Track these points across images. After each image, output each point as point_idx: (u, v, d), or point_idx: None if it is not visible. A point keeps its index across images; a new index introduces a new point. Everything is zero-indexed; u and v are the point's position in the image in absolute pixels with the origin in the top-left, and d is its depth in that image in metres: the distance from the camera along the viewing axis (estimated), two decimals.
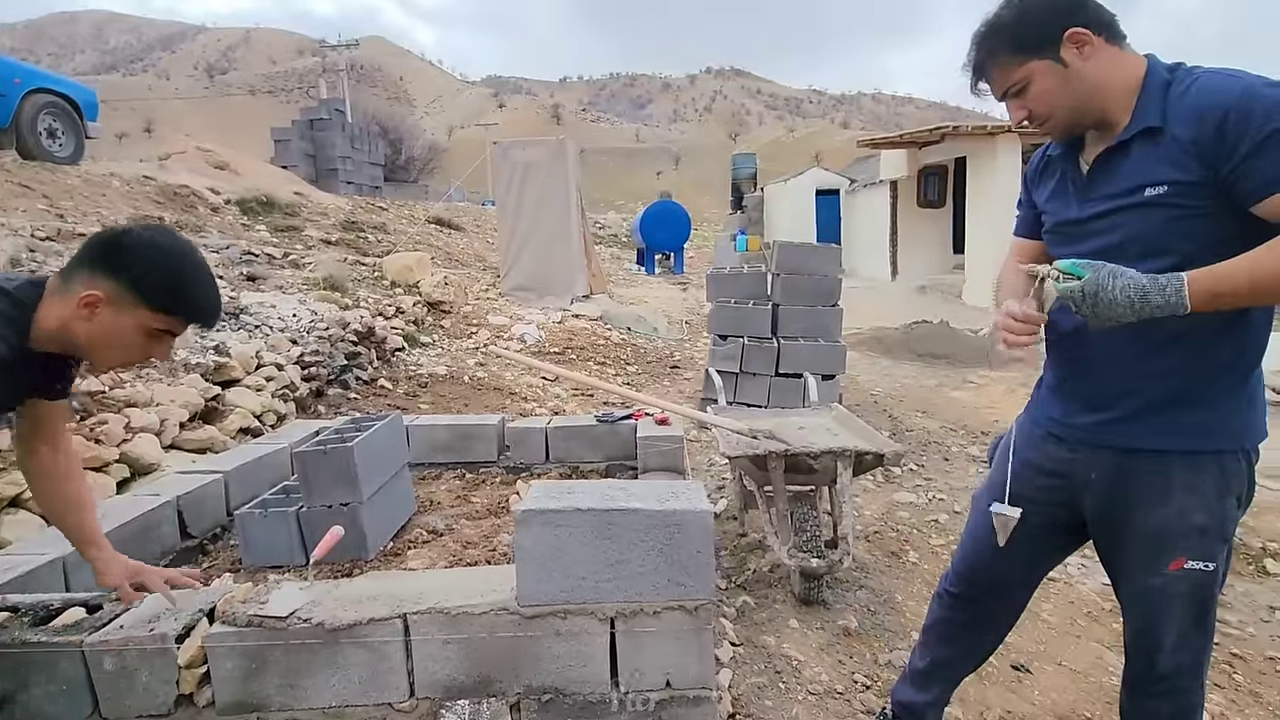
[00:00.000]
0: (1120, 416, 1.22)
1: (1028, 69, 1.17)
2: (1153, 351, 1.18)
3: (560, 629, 1.57)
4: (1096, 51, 1.15)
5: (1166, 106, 1.12)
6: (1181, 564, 1.21)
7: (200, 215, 7.48)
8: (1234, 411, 1.19)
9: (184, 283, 1.32)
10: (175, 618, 1.62)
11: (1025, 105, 1.21)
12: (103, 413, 2.81)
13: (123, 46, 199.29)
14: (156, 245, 1.31)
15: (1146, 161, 1.13)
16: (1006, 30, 1.18)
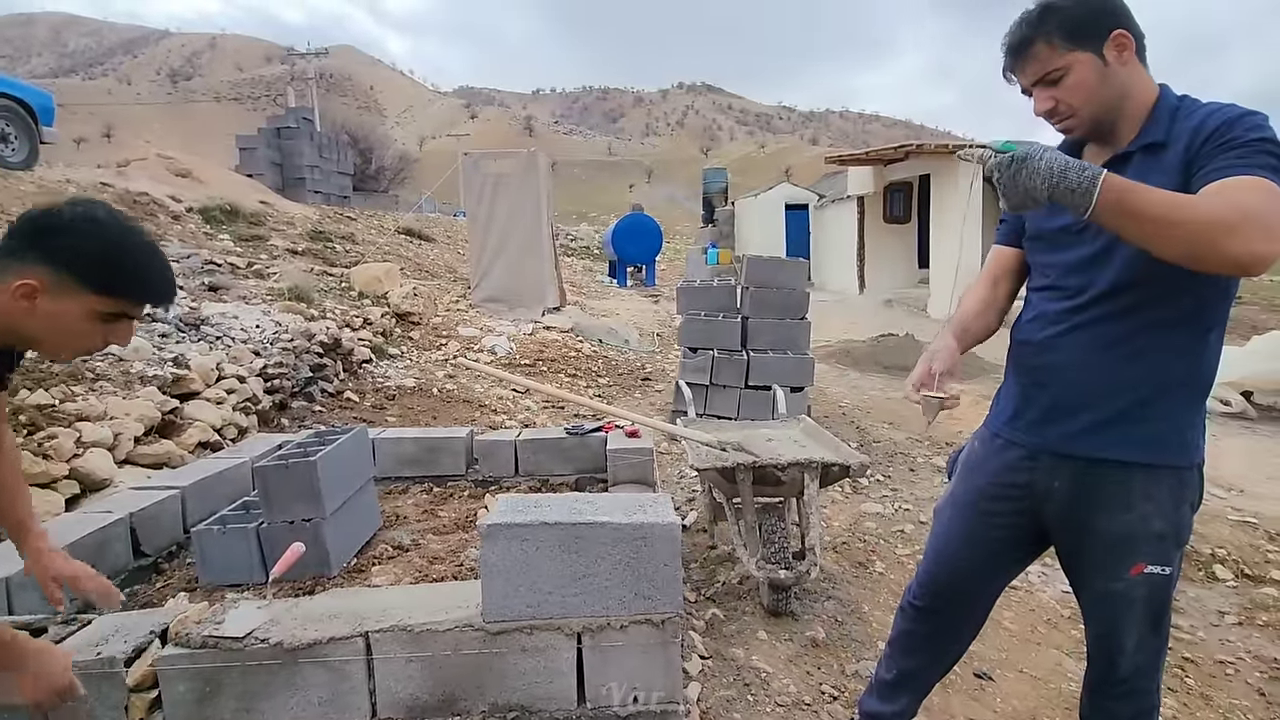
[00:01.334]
0: (1084, 428, 1.25)
1: (1072, 58, 1.17)
2: (1116, 365, 1.21)
3: (526, 645, 1.55)
4: (1130, 60, 1.18)
5: (1172, 127, 1.17)
6: (1141, 568, 1.24)
7: (160, 224, 7.29)
8: (1189, 428, 1.23)
9: (124, 260, 1.20)
10: (125, 640, 1.57)
11: (1056, 95, 1.20)
12: (52, 427, 2.71)
13: (82, 50, 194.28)
14: (91, 219, 1.19)
15: (1144, 174, 1.15)
16: (1063, 13, 1.17)
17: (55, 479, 2.58)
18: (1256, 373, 5.64)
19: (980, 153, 1.12)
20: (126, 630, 1.62)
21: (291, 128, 17.64)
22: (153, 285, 1.25)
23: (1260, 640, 2.51)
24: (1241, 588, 2.90)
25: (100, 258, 1.17)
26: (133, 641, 1.56)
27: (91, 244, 1.17)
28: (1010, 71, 1.25)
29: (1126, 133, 1.21)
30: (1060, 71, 1.18)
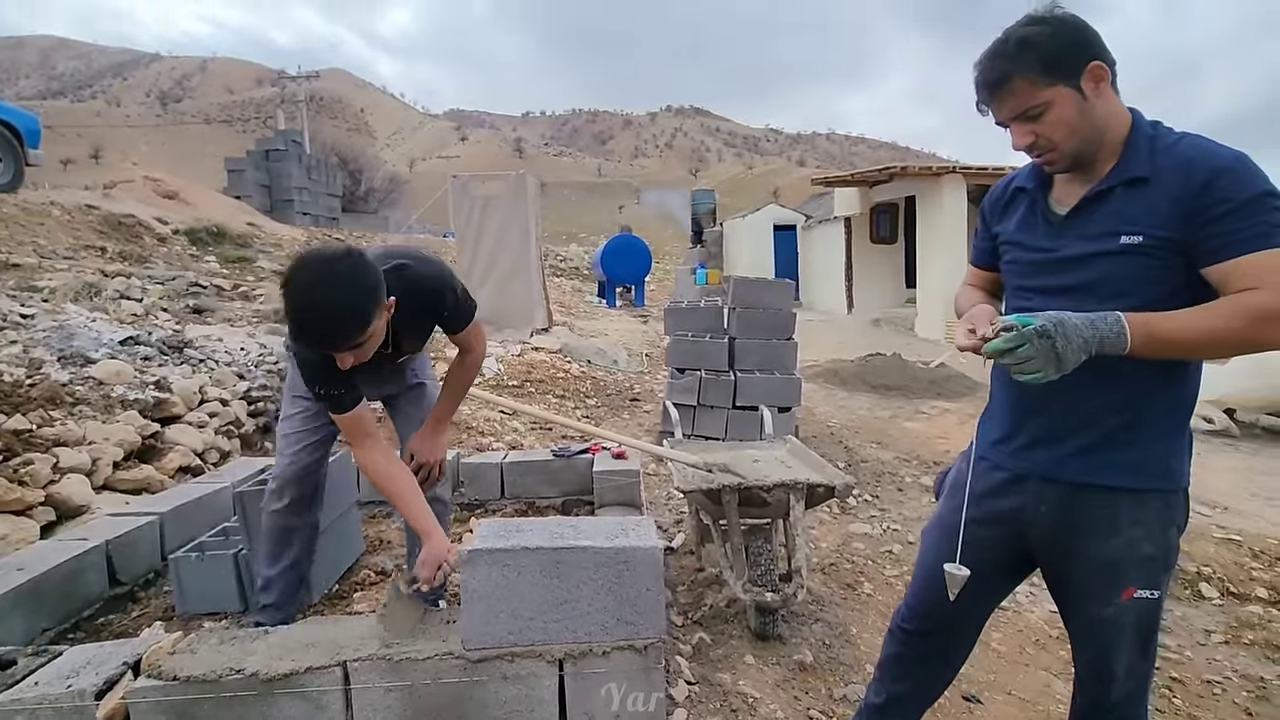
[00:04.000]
0: (1072, 452, 1.24)
1: (1051, 93, 1.15)
2: (1104, 390, 1.20)
3: (508, 672, 1.53)
4: (1106, 91, 1.17)
5: (1154, 160, 1.15)
6: (1131, 593, 1.23)
7: (146, 245, 7.27)
8: (1173, 453, 1.24)
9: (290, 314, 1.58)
10: (96, 672, 1.53)
11: (1036, 130, 1.19)
12: (28, 452, 2.67)
13: (71, 73, 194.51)
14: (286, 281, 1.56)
15: (1126, 210, 1.16)
16: (1041, 48, 1.15)
17: (30, 506, 2.53)
18: (1239, 390, 5.71)
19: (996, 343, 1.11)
20: (98, 662, 1.58)
21: (280, 150, 17.70)
22: (304, 336, 1.62)
23: (1247, 659, 2.51)
24: (1227, 606, 2.91)
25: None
26: (104, 673, 1.53)
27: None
28: (985, 105, 1.23)
29: (1104, 159, 1.20)
30: (1040, 107, 1.17)
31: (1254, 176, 1.09)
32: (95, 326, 3.98)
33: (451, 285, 1.95)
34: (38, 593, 2.10)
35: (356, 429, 1.82)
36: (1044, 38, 1.15)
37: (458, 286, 1.98)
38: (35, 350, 3.51)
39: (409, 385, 2.30)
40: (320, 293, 1.53)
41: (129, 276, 5.58)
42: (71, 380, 3.35)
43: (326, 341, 1.59)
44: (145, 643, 1.66)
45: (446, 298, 1.93)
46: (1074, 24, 1.17)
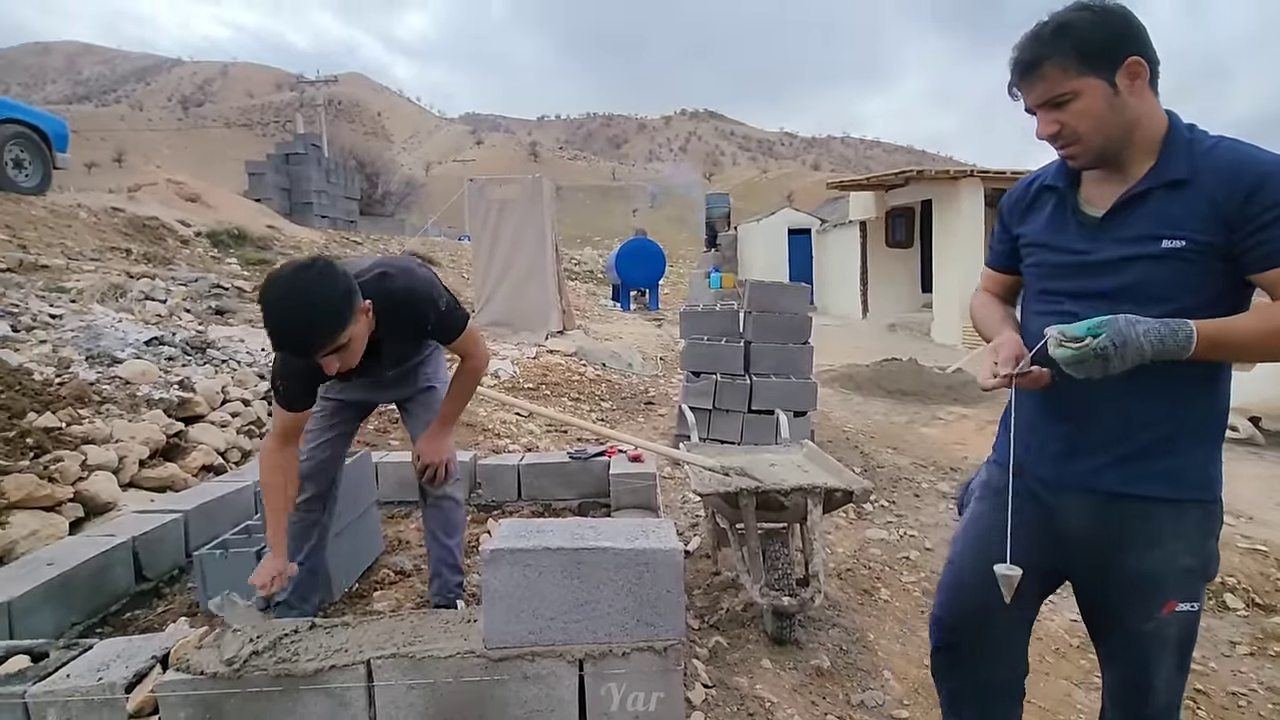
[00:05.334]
0: (1109, 462, 1.20)
1: (1082, 83, 1.12)
2: (1137, 401, 1.17)
3: (528, 672, 1.54)
4: (1143, 89, 1.13)
5: (1192, 162, 1.12)
6: (1173, 607, 1.20)
7: (169, 248, 7.39)
8: (1211, 461, 1.21)
9: (265, 325, 1.61)
10: (126, 665, 1.56)
11: (1061, 119, 1.15)
12: (58, 450, 2.72)
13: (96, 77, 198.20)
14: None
15: (1167, 213, 1.12)
16: (1078, 34, 1.11)
17: (60, 502, 2.58)
18: (1264, 398, 5.62)
19: (1059, 340, 1.09)
20: (127, 655, 1.61)
21: (300, 154, 17.91)
22: (282, 345, 1.66)
23: (1273, 671, 2.47)
24: (1253, 617, 2.86)
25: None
26: (133, 667, 1.56)
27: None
28: (1016, 88, 1.20)
29: (1136, 163, 1.16)
30: (1068, 96, 1.13)
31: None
32: (121, 327, 4.06)
33: (432, 296, 1.95)
34: (68, 587, 2.14)
35: (290, 426, 1.92)
36: (1084, 25, 1.11)
37: (441, 298, 1.97)
38: (64, 350, 3.58)
39: (421, 388, 2.33)
40: (291, 301, 1.58)
41: (153, 278, 5.68)
42: (99, 379, 3.41)
43: (303, 346, 1.62)
44: (172, 637, 1.69)
45: (427, 308, 1.93)
46: (1121, 15, 1.12)
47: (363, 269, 1.91)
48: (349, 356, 1.70)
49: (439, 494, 2.26)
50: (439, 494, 2.26)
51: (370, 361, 1.93)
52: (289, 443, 1.93)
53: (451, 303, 2.02)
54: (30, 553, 2.32)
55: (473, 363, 2.17)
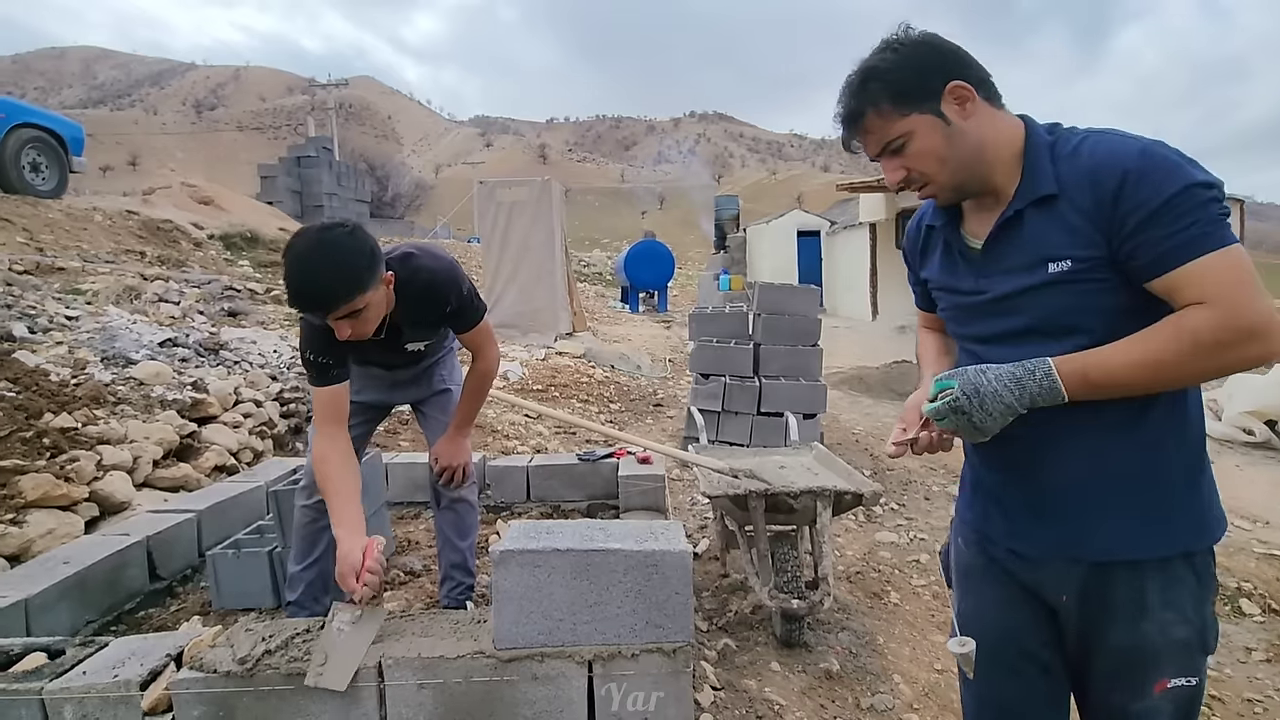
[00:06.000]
0: (1083, 526, 1.06)
1: (909, 123, 1.04)
2: (1098, 448, 1.04)
3: (538, 673, 1.54)
4: (977, 109, 1.04)
5: (1057, 171, 1.01)
6: (1165, 684, 1.05)
7: (183, 250, 7.46)
8: (1195, 504, 1.05)
9: (286, 278, 1.61)
10: (140, 663, 1.58)
11: (904, 164, 1.07)
12: (74, 449, 2.76)
13: (111, 82, 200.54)
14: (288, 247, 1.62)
15: (1044, 234, 1.02)
16: (887, 78, 1.03)
17: (76, 501, 2.61)
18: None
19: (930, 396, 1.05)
20: (142, 653, 1.63)
21: (311, 156, 18.07)
22: (299, 298, 1.62)
23: None
24: (1269, 623, 2.83)
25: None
26: (148, 664, 1.57)
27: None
28: (849, 143, 1.12)
29: (1005, 181, 1.05)
30: (900, 140, 1.05)
31: (1167, 172, 0.92)
32: (136, 328, 4.10)
33: (456, 279, 1.98)
34: (83, 586, 2.17)
35: (328, 408, 1.85)
36: (890, 66, 1.04)
37: (464, 283, 2.01)
38: (80, 351, 3.62)
39: (436, 390, 2.34)
40: (315, 256, 1.58)
41: (167, 280, 5.74)
42: (114, 380, 3.45)
43: (319, 302, 1.61)
44: (186, 635, 1.71)
45: (448, 290, 1.95)
46: (926, 45, 1.05)
47: (391, 249, 1.94)
48: (362, 325, 1.69)
49: (454, 496, 2.27)
50: (454, 496, 2.27)
51: (389, 343, 1.95)
52: (336, 428, 1.84)
53: (472, 290, 2.05)
54: (47, 551, 2.35)
55: (484, 363, 2.18)
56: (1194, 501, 1.05)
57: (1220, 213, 0.92)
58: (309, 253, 1.59)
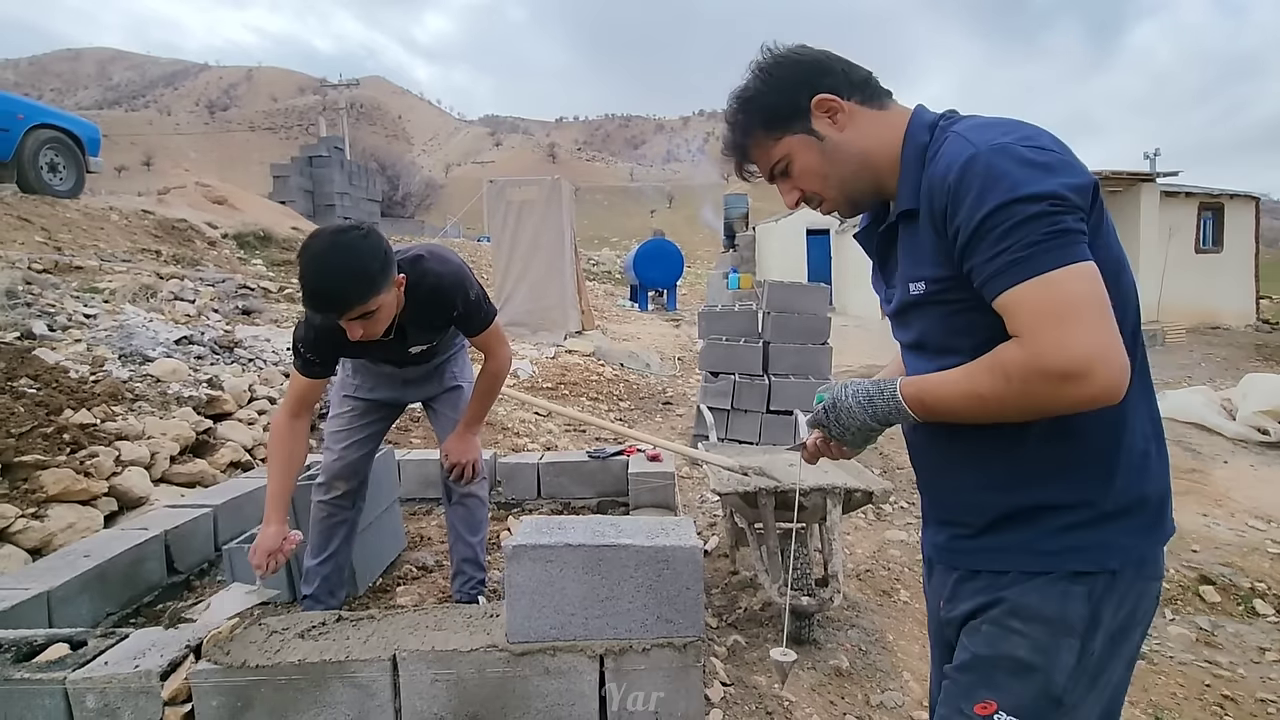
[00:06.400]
0: (962, 534, 1.02)
1: (784, 145, 1.01)
2: (977, 463, 0.98)
3: (550, 666, 1.56)
4: (852, 118, 0.99)
5: (922, 180, 0.94)
6: (990, 709, 0.92)
7: (197, 249, 7.54)
8: (1087, 524, 0.92)
9: (300, 277, 1.63)
10: (160, 654, 1.61)
11: (794, 185, 1.05)
12: (93, 445, 2.80)
13: (126, 83, 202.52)
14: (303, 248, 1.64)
15: (909, 251, 0.98)
16: (756, 104, 1.02)
17: (95, 496, 2.66)
18: None
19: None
20: (162, 644, 1.66)
21: (323, 156, 18.18)
22: (314, 299, 1.64)
23: None
24: None
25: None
26: (168, 655, 1.60)
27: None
28: (741, 171, 1.11)
29: (895, 189, 1.01)
30: (783, 162, 1.03)
31: (984, 187, 0.83)
32: (152, 326, 4.16)
33: (464, 283, 2.00)
34: (103, 579, 2.21)
35: (303, 395, 1.95)
36: (755, 93, 1.02)
37: (472, 288, 2.02)
38: (98, 348, 3.68)
39: (447, 388, 2.37)
40: (330, 257, 1.61)
41: (182, 279, 5.81)
42: (131, 377, 3.50)
43: (333, 303, 1.64)
44: (204, 628, 1.74)
45: (455, 294, 1.97)
46: (787, 63, 1.01)
47: (402, 250, 1.97)
48: (373, 326, 1.73)
49: (464, 492, 2.29)
50: (464, 492, 2.29)
51: (396, 343, 1.98)
52: (300, 415, 1.96)
53: (481, 295, 2.06)
54: (67, 545, 2.39)
55: (496, 363, 2.20)
56: (1091, 519, 0.93)
57: (1048, 231, 0.80)
58: (324, 255, 1.61)
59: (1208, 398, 6.10)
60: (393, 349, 2.03)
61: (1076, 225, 0.82)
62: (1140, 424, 0.95)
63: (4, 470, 2.52)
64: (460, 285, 1.99)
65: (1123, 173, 12.19)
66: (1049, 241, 0.80)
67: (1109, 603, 0.92)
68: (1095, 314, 0.80)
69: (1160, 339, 11.72)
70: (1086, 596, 0.91)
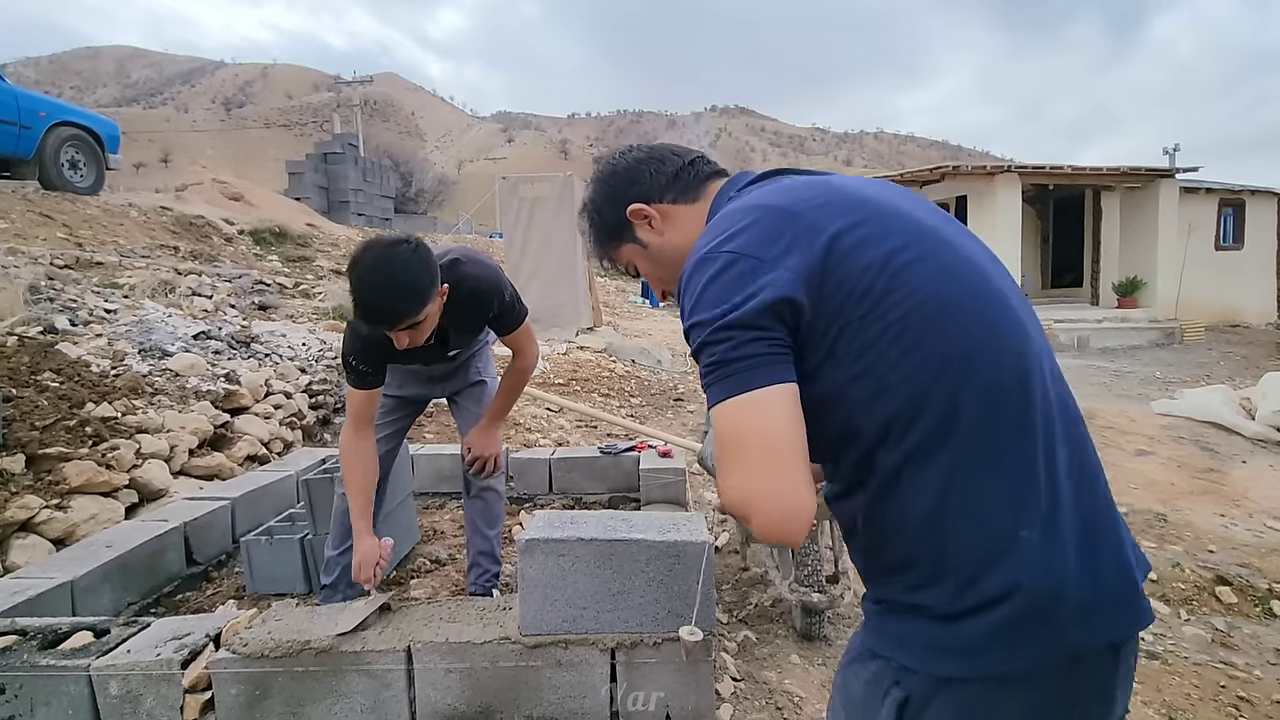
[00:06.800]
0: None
1: (624, 252, 1.05)
2: (849, 525, 0.88)
3: (562, 659, 1.58)
4: (667, 218, 1.00)
5: None
6: None
7: (214, 245, 7.63)
8: (896, 612, 0.82)
9: (353, 291, 1.68)
10: (181, 643, 1.64)
11: (650, 281, 1.08)
12: (114, 438, 2.85)
13: (144, 81, 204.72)
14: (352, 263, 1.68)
15: None
16: (593, 220, 1.06)
17: (116, 488, 2.71)
18: None
19: None
20: (182, 633, 1.69)
21: (337, 153, 18.31)
22: (366, 313, 1.68)
23: None
24: None
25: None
26: (188, 644, 1.64)
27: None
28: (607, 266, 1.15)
29: None
30: (629, 264, 1.07)
31: (681, 303, 0.82)
32: (171, 322, 4.22)
33: (500, 286, 2.04)
34: (125, 569, 2.25)
35: (363, 408, 1.98)
36: (593, 208, 1.06)
37: (507, 289, 2.07)
38: (118, 343, 3.74)
39: (471, 382, 2.40)
40: (383, 273, 1.65)
41: (200, 275, 5.89)
42: (151, 371, 3.56)
43: (386, 317, 1.69)
44: (224, 618, 1.77)
45: (492, 296, 2.02)
46: (606, 179, 1.04)
47: (438, 254, 1.99)
48: (419, 335, 1.78)
49: (483, 486, 2.32)
50: (483, 486, 2.32)
51: (437, 347, 2.03)
52: (365, 427, 1.99)
53: (515, 295, 2.11)
54: (90, 535, 2.44)
55: (525, 360, 2.24)
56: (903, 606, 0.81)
57: (724, 358, 0.75)
58: (377, 269, 1.65)
59: (1226, 396, 6.02)
60: (434, 352, 2.07)
61: (758, 350, 0.75)
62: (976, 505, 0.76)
63: (28, 462, 2.58)
64: (497, 288, 2.03)
65: (1142, 168, 12.04)
66: (712, 371, 0.76)
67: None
68: (758, 453, 0.74)
69: (1179, 336, 11.57)
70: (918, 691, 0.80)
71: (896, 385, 0.75)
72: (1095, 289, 13.10)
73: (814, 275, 0.76)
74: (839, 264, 0.77)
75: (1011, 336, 0.79)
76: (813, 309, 0.76)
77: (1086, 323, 11.52)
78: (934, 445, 0.75)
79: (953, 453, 0.75)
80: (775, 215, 0.81)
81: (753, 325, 0.75)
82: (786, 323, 0.76)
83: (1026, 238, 12.43)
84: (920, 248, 0.79)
